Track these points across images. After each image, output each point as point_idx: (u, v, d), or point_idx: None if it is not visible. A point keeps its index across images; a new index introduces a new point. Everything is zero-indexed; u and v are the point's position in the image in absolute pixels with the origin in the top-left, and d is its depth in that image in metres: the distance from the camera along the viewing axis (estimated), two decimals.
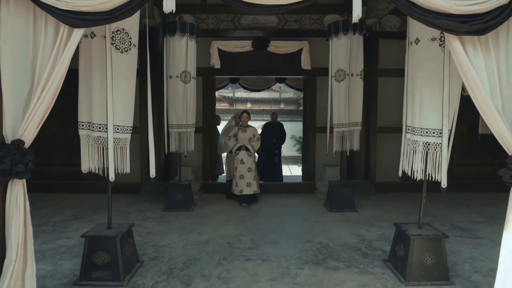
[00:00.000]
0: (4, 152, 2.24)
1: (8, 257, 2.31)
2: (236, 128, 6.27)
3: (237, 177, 6.01)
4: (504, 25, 2.38)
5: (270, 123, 8.35)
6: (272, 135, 8.00)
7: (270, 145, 7.94)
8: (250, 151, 6.04)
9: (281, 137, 8.16)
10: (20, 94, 2.37)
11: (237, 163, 6.03)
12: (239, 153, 6.02)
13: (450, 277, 3.29)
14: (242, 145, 6.04)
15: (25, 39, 2.37)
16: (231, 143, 6.13)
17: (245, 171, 5.99)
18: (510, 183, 2.42)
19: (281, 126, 8.25)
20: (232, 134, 6.18)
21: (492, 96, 2.40)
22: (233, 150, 6.09)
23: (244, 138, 6.08)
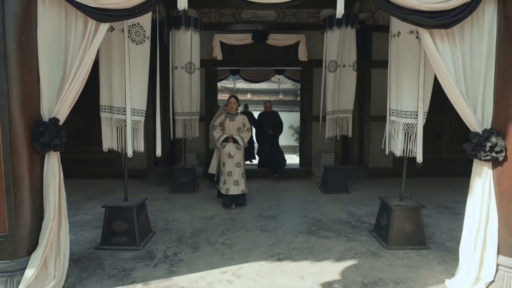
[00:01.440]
0: (44, 128, 2.66)
1: (46, 217, 2.75)
2: (223, 116, 5.43)
3: (224, 173, 5.21)
4: (468, 19, 2.78)
5: (264, 113, 7.83)
6: (267, 126, 7.50)
7: (266, 137, 7.49)
8: (239, 143, 5.18)
9: (277, 128, 7.58)
10: (54, 80, 2.78)
11: (224, 157, 5.22)
12: (226, 146, 5.17)
13: (427, 243, 3.73)
14: (229, 136, 5.19)
15: (58, 33, 2.78)
16: (217, 134, 5.27)
17: (233, 166, 5.19)
18: (472, 155, 2.85)
19: (276, 115, 7.71)
20: (218, 123, 5.34)
21: (457, 81, 2.81)
22: (218, 142, 5.23)
23: (232, 127, 5.22)
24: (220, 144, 5.21)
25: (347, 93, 6.02)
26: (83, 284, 2.90)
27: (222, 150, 5.23)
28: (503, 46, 2.70)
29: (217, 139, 5.25)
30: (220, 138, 5.22)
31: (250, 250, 3.63)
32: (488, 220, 2.78)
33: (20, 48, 2.57)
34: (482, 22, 2.77)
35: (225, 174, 5.21)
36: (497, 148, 2.67)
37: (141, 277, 3.03)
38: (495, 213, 2.75)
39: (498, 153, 2.68)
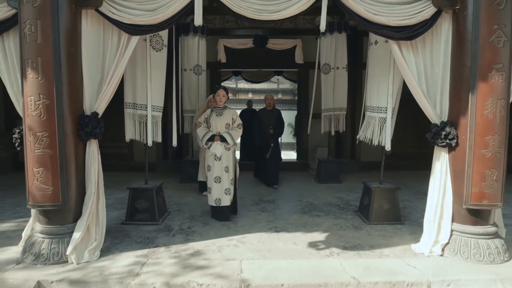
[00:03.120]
0: (88, 120, 3.32)
1: (88, 192, 3.42)
2: (208, 110, 4.62)
3: (211, 179, 4.38)
4: (428, 32, 3.43)
5: (264, 109, 6.64)
6: (268, 125, 6.37)
7: (265, 137, 6.36)
8: (228, 142, 4.38)
9: (278, 128, 6.49)
10: (94, 82, 3.45)
11: (209, 159, 4.40)
12: (212, 145, 4.36)
13: (402, 220, 4.39)
14: (216, 134, 4.42)
15: (97, 44, 3.44)
16: (201, 132, 4.48)
17: (221, 171, 4.36)
18: (432, 142, 3.50)
19: (278, 113, 6.63)
20: (203, 119, 4.55)
21: (420, 83, 3.47)
22: (203, 142, 4.43)
23: (219, 124, 4.43)
24: (205, 144, 4.40)
25: (341, 92, 6.69)
26: (116, 248, 3.56)
27: (207, 151, 4.42)
28: (455, 54, 3.35)
29: (201, 137, 4.45)
30: (205, 136, 4.39)
31: (252, 225, 4.29)
32: (444, 194, 3.45)
33: (69, 56, 3.23)
34: (440, 35, 3.42)
35: (211, 180, 4.38)
36: (450, 136, 3.33)
37: (163, 243, 3.69)
38: (450, 189, 3.41)
39: (451, 140, 3.34)
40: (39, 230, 3.29)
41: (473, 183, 3.22)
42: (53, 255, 3.19)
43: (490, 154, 3.17)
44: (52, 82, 3.10)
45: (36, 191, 3.16)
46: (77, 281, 2.91)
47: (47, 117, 3.10)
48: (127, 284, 2.87)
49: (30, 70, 3.06)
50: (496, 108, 3.14)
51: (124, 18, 3.31)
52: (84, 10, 3.31)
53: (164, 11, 3.30)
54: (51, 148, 3.13)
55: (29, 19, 3.04)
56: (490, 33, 3.11)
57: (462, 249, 3.30)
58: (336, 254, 3.42)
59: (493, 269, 3.11)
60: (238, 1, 3.29)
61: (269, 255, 3.40)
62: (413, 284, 2.90)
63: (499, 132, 3.17)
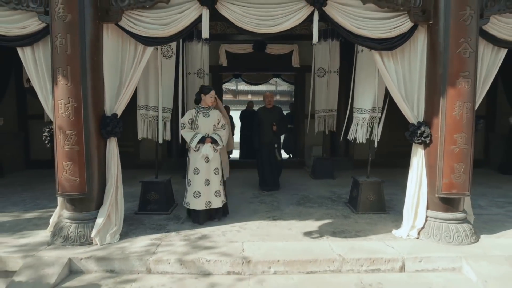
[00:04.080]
0: (109, 120, 3.81)
1: (109, 183, 3.90)
2: (193, 111, 4.44)
3: (199, 182, 4.29)
4: (406, 43, 3.92)
5: (264, 108, 6.46)
6: (269, 123, 6.11)
7: (267, 137, 6.11)
8: (219, 143, 4.35)
9: (281, 126, 6.24)
10: (113, 86, 3.93)
11: (198, 161, 4.29)
12: (202, 147, 4.28)
13: (387, 210, 4.88)
14: (205, 136, 4.33)
15: (116, 53, 3.92)
16: (188, 133, 4.33)
17: (210, 173, 4.32)
18: (410, 140, 3.98)
19: (279, 110, 6.42)
20: (188, 120, 4.38)
21: (399, 88, 3.97)
22: (193, 144, 4.28)
23: (208, 125, 4.36)
24: (194, 147, 4.29)
25: (333, 94, 7.18)
26: (133, 232, 4.04)
27: (195, 154, 4.32)
28: (429, 63, 3.84)
29: (190, 139, 4.30)
30: (195, 138, 4.27)
31: (252, 214, 4.78)
32: (421, 185, 3.94)
33: (93, 65, 3.71)
34: (416, 46, 3.91)
35: (199, 184, 4.29)
36: (425, 134, 3.82)
37: (173, 229, 4.18)
38: (425, 180, 3.91)
39: (426, 137, 3.83)
40: (67, 216, 3.78)
41: (443, 175, 3.72)
42: (80, 238, 3.67)
43: (458, 149, 3.66)
44: (80, 87, 3.58)
45: (65, 182, 3.64)
46: (103, 258, 3.39)
47: (75, 117, 3.59)
48: (145, 260, 3.36)
49: (61, 77, 3.55)
50: (463, 110, 3.63)
51: (141, 31, 3.80)
52: (105, 24, 3.80)
53: (176, 25, 3.79)
54: (78, 145, 3.61)
55: (60, 33, 3.52)
56: (457, 45, 3.60)
57: (434, 232, 3.79)
58: (325, 237, 3.92)
59: (460, 248, 3.60)
60: (240, 17, 3.79)
61: (267, 238, 3.89)
62: (389, 260, 3.39)
63: (466, 130, 3.66)
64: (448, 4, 3.61)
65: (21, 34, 3.81)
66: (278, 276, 3.31)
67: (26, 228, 4.21)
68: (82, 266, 3.37)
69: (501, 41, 3.93)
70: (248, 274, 3.31)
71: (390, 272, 3.37)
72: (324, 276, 3.31)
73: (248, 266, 3.33)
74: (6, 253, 3.47)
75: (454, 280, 3.26)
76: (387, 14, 3.82)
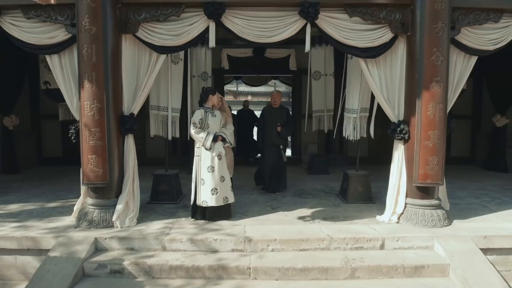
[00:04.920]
0: (127, 119, 4.35)
1: (127, 175, 4.44)
2: (202, 111, 4.61)
3: (215, 180, 4.42)
4: (388, 52, 4.46)
5: (270, 107, 6.22)
6: (274, 124, 5.87)
7: (271, 138, 5.88)
8: (228, 140, 4.66)
9: (287, 127, 6.01)
10: (131, 89, 4.47)
11: (212, 160, 4.45)
12: (213, 146, 4.48)
13: (374, 200, 5.42)
14: (218, 134, 4.56)
15: (133, 60, 4.46)
16: (200, 134, 4.47)
17: (224, 170, 4.52)
18: (392, 136, 4.53)
19: (286, 111, 6.19)
20: (198, 121, 4.54)
21: (382, 91, 4.51)
22: (207, 143, 4.45)
23: (216, 124, 4.62)
24: (209, 146, 4.46)
25: (329, 96, 7.72)
26: (148, 218, 4.58)
27: (207, 152, 4.47)
28: (408, 69, 4.39)
29: (204, 139, 4.45)
30: (208, 137, 4.44)
31: (252, 204, 5.32)
32: (401, 176, 4.48)
33: (114, 70, 4.25)
34: (397, 54, 4.45)
35: (216, 181, 4.43)
36: (404, 131, 4.37)
37: (183, 215, 4.71)
38: (405, 172, 4.45)
39: (405, 134, 4.37)
40: (91, 203, 4.31)
41: (419, 166, 4.26)
42: (102, 221, 4.21)
43: (431, 144, 4.21)
44: (103, 90, 4.12)
45: (90, 172, 4.18)
46: (124, 238, 3.94)
47: (99, 116, 4.13)
48: (161, 239, 3.90)
49: (87, 82, 4.08)
50: (436, 110, 4.18)
51: (155, 41, 4.34)
52: (124, 35, 4.34)
53: (186, 35, 4.33)
54: (101, 140, 4.15)
55: (86, 44, 4.06)
56: (431, 54, 4.15)
57: (412, 217, 4.34)
58: (317, 221, 4.47)
59: (433, 230, 4.15)
60: (243, 29, 4.33)
61: (266, 222, 4.44)
62: (371, 239, 3.94)
63: (439, 128, 4.21)
64: (423, 18, 4.15)
65: (50, 43, 4.35)
66: (275, 252, 3.85)
67: (52, 215, 4.74)
68: (106, 244, 3.91)
69: (472, 49, 4.47)
70: (250, 251, 3.86)
71: (371, 250, 3.92)
72: (315, 252, 3.86)
73: (249, 244, 3.87)
74: (39, 234, 4.00)
75: (426, 255, 3.81)
76: (371, 26, 4.36)
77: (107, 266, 3.61)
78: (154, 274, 3.58)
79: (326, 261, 3.67)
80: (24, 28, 4.35)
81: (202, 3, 4.23)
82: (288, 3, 4.30)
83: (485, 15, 4.36)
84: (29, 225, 4.30)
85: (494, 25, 4.43)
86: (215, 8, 4.20)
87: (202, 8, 4.25)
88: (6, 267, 3.99)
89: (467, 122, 9.36)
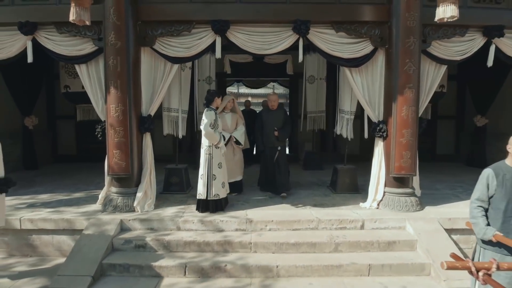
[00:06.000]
0: (145, 119, 5.08)
1: (145, 167, 5.17)
2: (212, 113, 5.03)
3: (224, 174, 5.13)
4: (370, 61, 5.19)
5: (267, 110, 6.22)
6: (272, 126, 5.87)
7: (269, 141, 5.91)
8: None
9: (284, 130, 5.96)
10: (148, 94, 5.20)
11: (221, 157, 5.10)
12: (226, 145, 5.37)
13: (360, 191, 6.15)
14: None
15: (150, 69, 5.19)
16: (216, 134, 4.99)
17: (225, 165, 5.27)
18: (373, 134, 5.26)
19: (284, 113, 6.23)
20: (212, 121, 4.95)
21: (364, 95, 5.24)
22: (221, 143, 5.10)
23: (223, 125, 5.48)
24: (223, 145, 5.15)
25: (322, 98, 8.45)
26: (162, 205, 5.30)
27: (217, 151, 5.03)
28: (386, 77, 5.12)
29: (218, 139, 5.04)
30: (221, 138, 5.11)
31: (253, 194, 6.04)
32: (380, 168, 5.22)
33: (134, 78, 4.98)
34: (377, 64, 5.18)
35: (224, 176, 5.13)
36: (383, 130, 5.10)
37: (192, 203, 5.42)
38: (384, 164, 5.19)
39: (383, 132, 5.11)
40: (115, 191, 5.04)
41: (395, 160, 4.99)
42: (125, 206, 4.94)
43: (405, 141, 4.94)
44: (126, 95, 4.85)
45: (114, 165, 4.91)
46: (145, 220, 4.67)
47: (123, 117, 4.86)
48: (176, 221, 4.63)
49: (112, 88, 4.81)
50: (409, 112, 4.91)
51: (170, 53, 5.07)
52: (142, 48, 5.07)
53: (196, 48, 5.07)
54: (124, 137, 4.88)
55: (112, 56, 4.79)
56: (404, 64, 4.87)
57: (389, 203, 5.07)
58: (308, 207, 5.20)
59: (406, 214, 4.88)
60: (244, 42, 5.06)
61: (264, 208, 5.17)
62: (353, 221, 4.68)
63: (411, 127, 4.94)
64: (398, 33, 4.89)
65: (79, 54, 5.09)
66: (272, 231, 4.59)
67: (79, 203, 5.47)
68: (130, 225, 4.65)
69: (441, 59, 5.20)
70: (250, 230, 4.59)
71: (353, 229, 4.65)
72: (305, 232, 4.59)
73: (250, 225, 4.61)
74: (73, 216, 4.73)
75: (398, 234, 4.55)
76: (354, 40, 5.09)
77: (132, 242, 4.34)
78: (171, 248, 4.32)
79: (314, 238, 4.41)
80: (57, 42, 5.08)
81: (210, 21, 4.96)
82: (283, 20, 5.03)
83: (453, 30, 5.09)
84: (62, 210, 5.03)
85: (461, 39, 5.16)
86: (221, 25, 4.93)
87: (210, 25, 4.97)
88: (44, 245, 4.72)
89: (452, 122, 10.13)
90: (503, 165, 3.11)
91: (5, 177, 3.80)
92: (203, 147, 5.09)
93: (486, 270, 2.53)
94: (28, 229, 4.68)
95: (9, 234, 4.73)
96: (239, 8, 5.03)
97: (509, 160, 3.08)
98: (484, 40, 5.18)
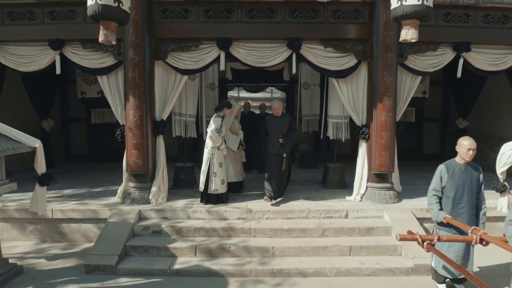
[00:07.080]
0: (159, 123, 5.84)
1: (158, 165, 5.93)
2: (219, 119, 5.73)
3: (224, 173, 5.83)
4: (355, 73, 5.95)
5: (272, 116, 6.07)
6: (277, 133, 5.74)
7: (274, 148, 5.80)
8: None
9: (289, 137, 5.84)
10: (161, 101, 5.96)
11: (222, 157, 5.82)
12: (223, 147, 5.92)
13: (347, 186, 6.90)
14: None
15: (162, 80, 5.95)
16: (220, 138, 5.75)
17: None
18: (357, 137, 6.02)
19: (288, 119, 6.03)
20: (219, 127, 5.73)
21: (349, 102, 6.01)
22: (223, 146, 5.85)
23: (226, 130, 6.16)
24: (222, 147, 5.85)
25: (316, 102, 9.22)
26: (174, 198, 6.06)
27: (219, 152, 5.74)
28: (368, 86, 5.88)
29: (221, 142, 5.78)
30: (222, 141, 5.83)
31: (252, 189, 6.80)
32: (363, 166, 5.98)
33: (149, 88, 5.74)
34: (361, 75, 5.94)
35: (224, 174, 5.82)
36: (365, 132, 5.87)
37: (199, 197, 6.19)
38: (366, 163, 5.95)
39: (366, 135, 5.88)
40: (132, 186, 5.80)
41: (376, 158, 5.76)
42: (142, 199, 5.70)
43: (384, 142, 5.71)
44: (143, 103, 5.61)
45: (133, 163, 5.67)
46: (159, 210, 5.43)
47: (140, 122, 5.62)
48: (186, 211, 5.40)
49: (131, 97, 5.57)
50: (387, 117, 5.67)
51: (180, 66, 5.84)
52: (156, 61, 5.83)
53: (203, 61, 5.83)
54: (141, 139, 5.64)
55: (131, 69, 5.55)
56: (383, 76, 5.64)
57: (371, 196, 5.83)
58: (300, 200, 5.97)
59: (385, 205, 5.64)
60: (245, 56, 5.83)
61: (262, 200, 5.93)
62: (338, 211, 5.44)
63: (389, 130, 5.70)
64: (378, 49, 5.65)
65: (101, 67, 5.85)
66: (269, 220, 5.36)
67: (99, 196, 6.22)
68: (147, 215, 5.41)
69: (417, 71, 5.97)
70: (250, 219, 5.36)
71: (338, 218, 5.42)
72: (297, 220, 5.36)
73: (250, 214, 5.37)
74: (97, 207, 5.49)
75: (376, 222, 5.32)
76: (340, 54, 5.86)
77: (150, 228, 5.10)
78: (183, 233, 5.08)
79: (305, 225, 5.17)
80: (81, 56, 5.83)
81: (215, 38, 5.72)
82: (279, 37, 5.79)
83: (426, 45, 5.85)
84: (86, 202, 5.79)
85: (433, 53, 5.92)
86: (225, 42, 5.69)
87: (215, 42, 5.73)
88: (73, 232, 5.48)
89: (437, 124, 10.91)
90: (453, 162, 3.89)
91: (47, 172, 4.55)
92: (207, 147, 5.79)
93: (429, 241, 3.31)
94: (59, 218, 5.44)
95: (42, 223, 5.49)
96: (240, 27, 5.79)
97: (458, 157, 3.85)
98: (454, 54, 5.95)
